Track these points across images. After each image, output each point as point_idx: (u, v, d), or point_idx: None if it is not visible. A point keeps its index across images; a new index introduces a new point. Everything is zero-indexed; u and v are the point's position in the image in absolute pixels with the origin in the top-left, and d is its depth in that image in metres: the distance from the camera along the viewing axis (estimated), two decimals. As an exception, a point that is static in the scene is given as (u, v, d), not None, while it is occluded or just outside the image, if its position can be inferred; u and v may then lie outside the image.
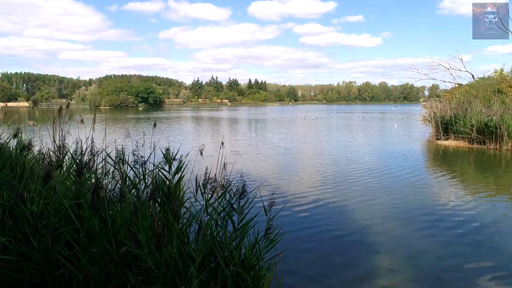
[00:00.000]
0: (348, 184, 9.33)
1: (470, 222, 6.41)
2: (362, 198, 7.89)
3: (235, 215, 2.72)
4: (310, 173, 10.75)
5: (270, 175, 10.42)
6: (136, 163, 3.05)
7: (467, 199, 8.03)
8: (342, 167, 11.75)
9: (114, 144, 3.54)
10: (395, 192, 8.53)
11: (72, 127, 4.28)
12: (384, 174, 10.55)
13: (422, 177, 10.38)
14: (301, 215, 6.75)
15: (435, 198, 8.06)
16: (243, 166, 11.66)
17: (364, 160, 12.88)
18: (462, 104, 18.11)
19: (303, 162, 12.99)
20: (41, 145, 4.72)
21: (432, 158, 14.69)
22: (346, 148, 16.06)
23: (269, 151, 15.70)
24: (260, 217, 2.82)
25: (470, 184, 9.87)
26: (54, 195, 2.52)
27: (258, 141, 19.57)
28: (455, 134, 17.34)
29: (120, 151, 3.22)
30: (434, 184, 9.55)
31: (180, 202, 2.81)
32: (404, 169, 11.52)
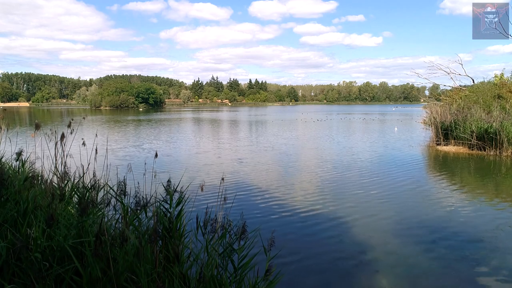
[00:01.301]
0: (350, 196, 9.36)
1: (471, 237, 6.44)
2: (363, 213, 7.92)
3: (235, 255, 2.76)
4: (310, 183, 10.79)
5: (272, 187, 10.47)
6: (137, 195, 3.09)
7: (467, 210, 8.06)
8: (344, 176, 11.77)
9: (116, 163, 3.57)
10: (396, 203, 8.56)
11: (74, 144, 4.32)
12: (385, 185, 10.57)
13: (422, 186, 10.41)
14: (300, 230, 6.79)
15: (436, 209, 8.09)
16: (245, 177, 11.72)
17: (366, 169, 12.88)
18: (462, 110, 18.13)
19: (304, 170, 13.01)
20: (42, 168, 4.77)
21: (432, 164, 14.72)
22: (348, 155, 16.04)
23: (271, 158, 15.75)
24: (261, 256, 2.84)
25: (471, 193, 9.88)
26: (57, 236, 2.57)
27: (260, 147, 19.60)
28: (455, 139, 17.37)
29: (122, 182, 3.26)
30: (435, 194, 9.58)
31: (181, 237, 2.85)
32: (404, 177, 11.54)
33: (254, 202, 8.67)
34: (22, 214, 2.90)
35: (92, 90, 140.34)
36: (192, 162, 14.25)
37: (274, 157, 15.75)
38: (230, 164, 13.73)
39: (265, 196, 9.19)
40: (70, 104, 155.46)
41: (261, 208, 8.18)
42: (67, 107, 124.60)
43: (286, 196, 9.17)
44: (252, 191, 9.72)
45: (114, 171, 3.84)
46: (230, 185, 10.37)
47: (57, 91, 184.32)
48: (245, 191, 9.65)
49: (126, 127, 33.91)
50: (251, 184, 10.44)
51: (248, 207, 8.22)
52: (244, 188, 9.97)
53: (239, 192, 9.43)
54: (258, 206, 8.35)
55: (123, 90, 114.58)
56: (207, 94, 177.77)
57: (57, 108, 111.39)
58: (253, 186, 10.24)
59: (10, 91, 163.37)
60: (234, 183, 10.58)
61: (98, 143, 18.39)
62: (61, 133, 4.59)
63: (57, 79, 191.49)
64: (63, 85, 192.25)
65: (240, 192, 9.52)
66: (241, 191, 9.61)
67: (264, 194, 9.32)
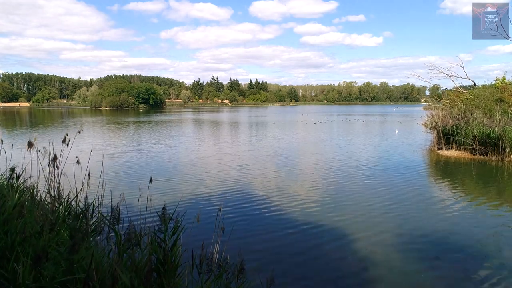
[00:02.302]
0: (352, 207, 9.24)
1: (476, 251, 6.30)
2: (365, 225, 7.79)
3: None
4: (312, 193, 10.67)
5: (272, 197, 10.35)
6: (131, 224, 2.96)
7: (471, 221, 7.92)
8: (346, 186, 11.62)
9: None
10: (398, 214, 8.42)
11: (72, 152, 4.22)
12: (387, 194, 10.42)
13: (424, 194, 10.26)
14: (300, 245, 6.67)
15: (438, 220, 7.95)
16: (245, 187, 11.62)
17: (369, 177, 12.70)
18: (464, 114, 17.99)
19: (305, 179, 12.88)
20: (36, 186, 4.64)
21: (434, 170, 14.57)
22: (350, 162, 15.77)
23: (272, 164, 15.64)
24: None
25: (474, 201, 9.74)
26: (46, 271, 2.45)
27: (261, 152, 19.49)
28: (457, 144, 17.22)
29: (115, 208, 3.14)
30: (438, 203, 9.43)
31: (175, 271, 2.72)
32: (407, 184, 11.40)
33: (255, 214, 8.55)
34: (9, 247, 2.77)
35: (92, 90, 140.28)
36: (192, 169, 14.10)
37: (275, 163, 15.62)
38: (231, 172, 13.58)
39: (265, 207, 9.07)
40: (71, 104, 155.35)
41: (262, 221, 8.06)
42: (67, 108, 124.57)
43: (286, 208, 9.04)
44: (253, 202, 9.60)
45: (111, 185, 3.71)
46: (231, 195, 10.25)
47: (58, 91, 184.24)
48: (245, 202, 9.53)
49: (126, 130, 33.79)
50: (251, 194, 10.32)
51: (249, 220, 8.11)
52: (244, 199, 9.85)
53: (239, 204, 9.32)
54: (259, 218, 8.23)
55: (123, 90, 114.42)
56: (207, 94, 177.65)
57: (57, 109, 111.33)
58: (253, 196, 10.12)
59: (10, 91, 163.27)
60: (234, 193, 10.46)
61: (96, 148, 18.10)
62: (62, 138, 4.46)
63: (58, 79, 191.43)
64: (64, 85, 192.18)
65: (240, 203, 9.41)
66: (241, 203, 9.50)
67: (264, 205, 9.19)
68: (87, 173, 3.73)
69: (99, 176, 4.52)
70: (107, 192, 4.08)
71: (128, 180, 11.89)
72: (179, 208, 7.71)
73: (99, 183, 4.29)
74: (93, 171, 4.59)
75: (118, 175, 12.73)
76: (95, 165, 13.63)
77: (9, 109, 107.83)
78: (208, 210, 8.51)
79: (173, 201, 8.86)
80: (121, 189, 9.95)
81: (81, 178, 4.14)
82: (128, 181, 11.65)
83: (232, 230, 6.55)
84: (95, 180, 4.46)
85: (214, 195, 10.00)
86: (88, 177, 3.66)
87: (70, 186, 4.05)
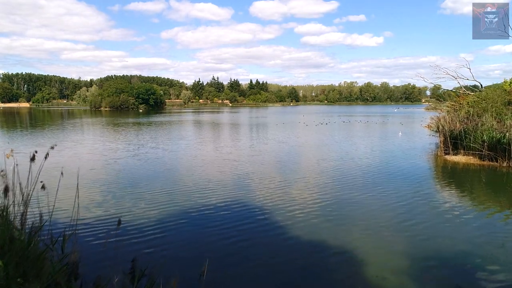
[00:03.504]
0: (358, 224, 8.60)
1: (501, 275, 5.66)
2: (373, 245, 7.14)
3: None
4: (317, 206, 10.04)
5: (275, 210, 9.74)
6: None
7: (486, 237, 7.26)
8: (352, 198, 10.95)
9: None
10: (408, 232, 7.78)
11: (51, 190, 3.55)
12: (395, 206, 9.78)
13: (435, 206, 9.60)
14: (305, 272, 6.03)
15: (453, 239, 7.30)
16: (249, 199, 11.04)
17: (375, 187, 11.97)
18: (472, 117, 17.31)
19: (310, 190, 12.24)
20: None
21: (442, 177, 13.90)
22: (355, 170, 15.03)
23: (275, 172, 15.04)
24: None
25: (488, 212, 9.08)
26: None
27: (264, 157, 18.89)
28: (465, 149, 16.55)
29: (74, 261, 2.49)
30: (451, 219, 8.76)
31: None
32: (414, 194, 10.75)
33: (257, 235, 7.94)
34: None
35: (92, 90, 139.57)
36: (192, 178, 13.40)
37: (279, 171, 14.94)
38: (232, 181, 12.94)
39: (268, 223, 8.45)
40: (71, 105, 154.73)
41: (265, 240, 7.44)
42: (67, 108, 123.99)
43: (290, 224, 8.42)
44: (254, 217, 8.98)
45: (86, 211, 3.06)
46: (233, 208, 9.63)
47: (58, 91, 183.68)
48: (248, 218, 8.92)
49: (123, 132, 33.16)
50: (255, 208, 9.70)
51: (252, 239, 7.49)
52: (248, 213, 9.23)
53: (242, 221, 8.71)
54: (262, 237, 7.61)
55: (123, 90, 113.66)
56: (207, 94, 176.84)
57: (57, 109, 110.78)
58: (256, 209, 9.50)
59: (10, 91, 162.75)
60: (237, 205, 9.84)
61: (84, 154, 17.41)
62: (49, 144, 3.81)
63: (58, 79, 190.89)
64: (64, 85, 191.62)
65: (243, 220, 8.79)
66: (244, 219, 8.88)
67: (268, 222, 8.57)
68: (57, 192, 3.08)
69: (75, 195, 3.88)
70: (81, 226, 3.44)
71: (110, 202, 11.24)
72: (166, 234, 7.15)
73: (73, 209, 3.67)
74: (82, 182, 3.93)
75: (102, 190, 12.07)
76: (87, 173, 13.03)
77: (9, 110, 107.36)
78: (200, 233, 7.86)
79: (159, 228, 8.23)
80: (96, 216, 9.33)
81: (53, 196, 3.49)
82: (110, 204, 11.01)
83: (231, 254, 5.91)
84: (68, 201, 3.81)
85: (211, 213, 9.37)
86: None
87: (38, 213, 3.40)
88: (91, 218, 8.39)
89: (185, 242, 7.13)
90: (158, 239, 7.20)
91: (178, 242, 7.10)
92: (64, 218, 7.64)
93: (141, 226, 7.97)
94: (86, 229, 7.64)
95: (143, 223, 8.14)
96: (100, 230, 7.61)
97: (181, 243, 7.06)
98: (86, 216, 8.50)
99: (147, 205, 9.62)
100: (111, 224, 7.90)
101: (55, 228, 6.44)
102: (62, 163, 15.91)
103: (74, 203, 4.23)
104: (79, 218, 8.31)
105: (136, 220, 8.33)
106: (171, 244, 7.03)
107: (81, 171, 14.14)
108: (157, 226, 7.97)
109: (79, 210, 9.03)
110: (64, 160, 16.95)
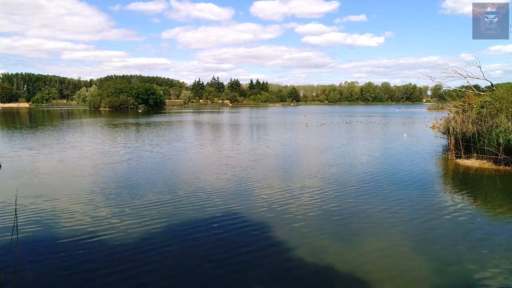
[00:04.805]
0: (368, 241, 7.62)
1: None
2: (387, 266, 6.15)
3: None
4: (323, 220, 9.05)
5: (278, 224, 8.77)
6: None
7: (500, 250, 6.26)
8: (359, 209, 9.97)
9: None
10: (424, 249, 6.78)
11: None
12: (408, 219, 8.81)
13: (451, 217, 8.62)
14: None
15: (474, 253, 6.29)
16: (253, 214, 10.05)
17: (386, 192, 11.05)
18: (485, 118, 16.25)
19: (315, 199, 11.25)
20: None
21: (455, 184, 12.87)
22: (364, 175, 13.97)
23: (278, 179, 14.06)
24: None
25: (503, 222, 8.08)
26: None
27: (267, 162, 17.92)
28: (478, 153, 15.50)
29: None
30: (469, 234, 7.77)
31: None
32: (430, 203, 9.77)
33: (259, 258, 6.95)
34: None
35: (91, 90, 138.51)
36: (185, 188, 12.31)
37: (283, 178, 13.90)
38: (231, 192, 11.89)
39: (271, 244, 7.46)
40: (70, 105, 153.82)
41: (264, 260, 6.44)
42: (67, 108, 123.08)
43: (296, 240, 7.43)
44: (256, 238, 8.00)
45: None
46: (229, 226, 8.64)
47: (57, 91, 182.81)
48: (247, 239, 7.94)
49: (120, 133, 32.16)
50: (254, 226, 8.72)
51: (252, 269, 6.50)
52: (247, 232, 8.25)
53: (240, 244, 7.72)
54: (262, 257, 6.61)
55: (122, 90, 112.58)
56: (207, 94, 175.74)
57: (56, 109, 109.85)
58: (256, 229, 8.52)
59: (10, 91, 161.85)
60: (234, 222, 8.86)
61: (71, 158, 16.32)
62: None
63: (58, 79, 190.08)
64: (64, 85, 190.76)
65: (241, 243, 7.81)
66: (243, 242, 7.91)
67: (270, 242, 7.59)
68: None
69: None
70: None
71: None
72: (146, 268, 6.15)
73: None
74: (59, 190, 2.92)
75: (77, 200, 11.06)
76: (68, 180, 11.85)
77: (8, 110, 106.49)
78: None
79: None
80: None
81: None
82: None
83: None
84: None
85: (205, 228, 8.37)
86: None
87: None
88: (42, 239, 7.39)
89: (171, 272, 6.09)
90: (135, 269, 6.19)
91: (161, 272, 6.06)
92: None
93: (112, 252, 6.96)
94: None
95: (116, 248, 7.14)
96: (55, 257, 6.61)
97: (165, 274, 6.03)
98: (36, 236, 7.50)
99: (127, 221, 8.61)
100: (71, 249, 6.90)
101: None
102: (44, 169, 14.93)
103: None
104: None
105: (106, 243, 7.32)
106: (152, 274, 6.03)
107: (62, 178, 13.13)
108: (134, 252, 6.96)
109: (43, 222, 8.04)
110: (46, 166, 15.96)
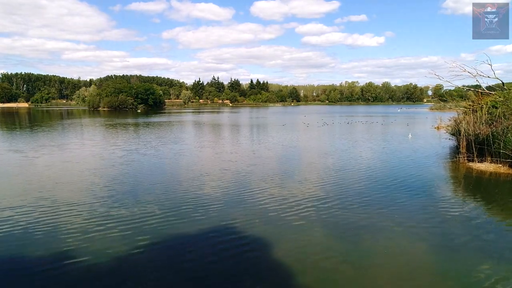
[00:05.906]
0: (386, 261, 6.70)
1: None
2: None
3: None
4: (327, 230, 8.15)
5: (282, 237, 7.88)
6: None
7: None
8: (375, 222, 9.08)
9: None
10: (440, 269, 5.86)
11: None
12: (426, 233, 7.90)
13: (461, 220, 7.69)
14: None
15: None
16: (254, 233, 9.15)
17: (399, 201, 10.14)
18: (499, 119, 15.32)
19: (321, 208, 10.36)
20: None
21: (467, 188, 11.95)
22: (373, 181, 12.96)
23: (281, 185, 13.15)
24: None
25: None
26: None
27: (270, 167, 17.00)
28: (493, 156, 14.57)
29: None
30: (489, 252, 6.85)
31: None
32: (445, 214, 8.85)
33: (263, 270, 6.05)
34: None
35: (91, 90, 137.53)
36: (178, 198, 11.47)
37: (285, 185, 12.94)
38: (231, 202, 10.99)
39: (276, 260, 6.55)
40: (70, 105, 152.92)
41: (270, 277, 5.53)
42: (66, 108, 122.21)
43: (300, 255, 6.52)
44: (257, 259, 7.10)
45: None
46: (227, 243, 7.75)
47: (57, 91, 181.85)
48: (247, 263, 7.02)
49: (117, 134, 31.24)
50: (256, 245, 7.82)
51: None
52: (246, 254, 7.34)
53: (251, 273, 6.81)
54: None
55: (122, 90, 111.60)
56: (207, 94, 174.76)
57: (55, 109, 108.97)
58: (259, 249, 7.61)
59: (9, 91, 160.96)
60: (232, 241, 7.95)
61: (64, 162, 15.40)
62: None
63: (57, 79, 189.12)
64: (63, 85, 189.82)
65: (250, 267, 6.90)
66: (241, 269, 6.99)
67: (276, 257, 6.67)
68: None
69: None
70: None
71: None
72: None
73: None
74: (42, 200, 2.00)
75: (57, 212, 10.15)
76: (52, 189, 10.83)
77: (7, 110, 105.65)
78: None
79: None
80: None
81: None
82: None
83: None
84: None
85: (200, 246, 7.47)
86: None
87: None
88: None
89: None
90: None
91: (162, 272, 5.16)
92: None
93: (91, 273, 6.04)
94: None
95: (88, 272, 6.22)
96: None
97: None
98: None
99: (105, 240, 7.71)
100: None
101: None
102: (28, 174, 14.03)
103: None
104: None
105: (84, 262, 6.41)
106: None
107: (46, 186, 12.18)
108: (112, 276, 6.05)
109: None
110: (30, 171, 15.06)
